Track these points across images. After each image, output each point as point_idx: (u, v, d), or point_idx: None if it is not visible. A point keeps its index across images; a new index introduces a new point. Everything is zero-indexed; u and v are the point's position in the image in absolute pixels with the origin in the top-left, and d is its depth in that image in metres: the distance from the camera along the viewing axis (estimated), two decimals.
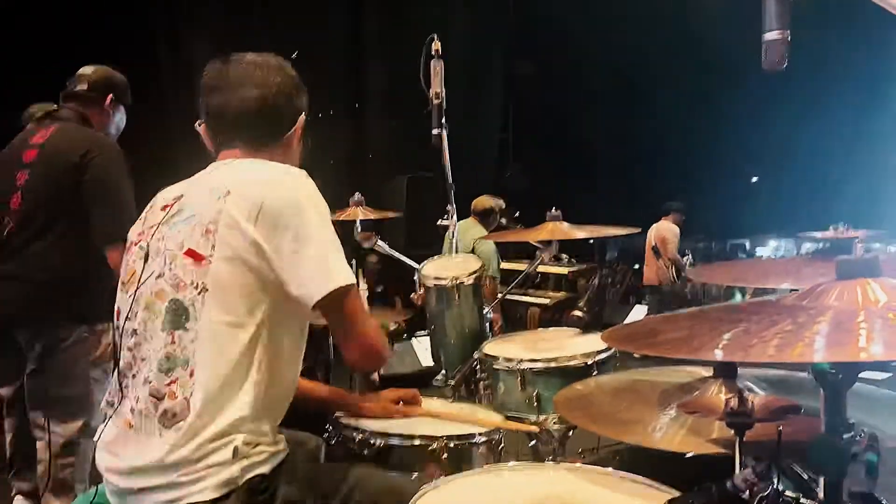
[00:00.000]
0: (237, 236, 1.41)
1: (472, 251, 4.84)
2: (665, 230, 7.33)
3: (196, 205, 1.49)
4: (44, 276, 2.49)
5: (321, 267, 1.42)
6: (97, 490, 1.51)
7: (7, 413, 2.69)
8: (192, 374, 1.40)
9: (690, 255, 8.07)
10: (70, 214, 2.49)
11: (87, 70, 2.76)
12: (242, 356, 1.42)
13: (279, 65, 1.64)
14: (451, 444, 1.72)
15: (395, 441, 1.73)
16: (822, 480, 0.99)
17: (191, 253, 1.44)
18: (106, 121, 2.77)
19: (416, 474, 1.69)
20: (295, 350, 1.54)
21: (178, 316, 1.43)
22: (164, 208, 1.56)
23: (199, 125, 1.64)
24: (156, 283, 1.47)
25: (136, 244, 1.57)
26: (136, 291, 1.50)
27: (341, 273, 1.44)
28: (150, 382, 1.43)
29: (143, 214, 1.63)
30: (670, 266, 7.27)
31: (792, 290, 1.12)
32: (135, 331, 1.48)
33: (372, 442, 1.73)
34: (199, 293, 1.42)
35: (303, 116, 1.66)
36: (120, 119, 2.84)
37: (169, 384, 1.41)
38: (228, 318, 1.41)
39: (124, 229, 2.40)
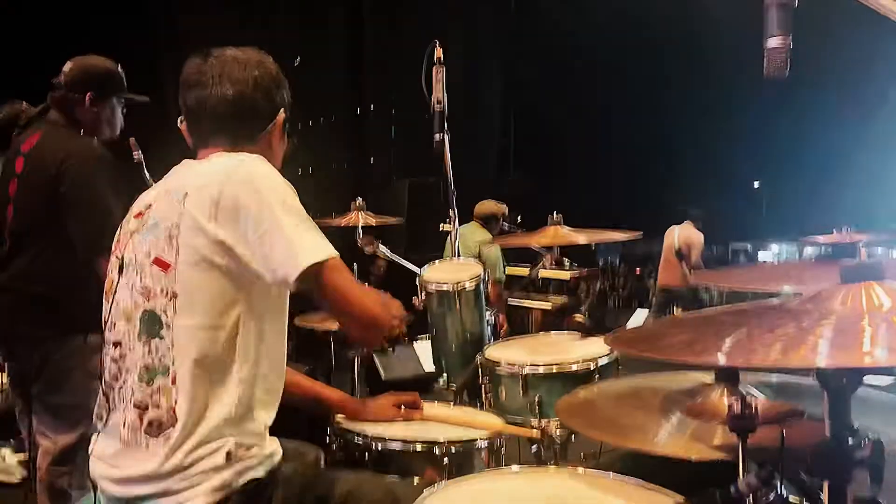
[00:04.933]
0: (200, 238, 1.39)
1: (478, 256, 4.84)
2: (693, 235, 7.25)
3: (160, 212, 1.47)
4: (32, 288, 2.43)
5: (289, 250, 1.37)
6: (96, 496, 1.50)
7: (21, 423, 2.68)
8: (174, 381, 1.39)
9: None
10: (53, 225, 2.40)
11: (66, 66, 2.57)
12: (222, 357, 1.40)
13: (258, 59, 1.59)
14: (453, 449, 1.72)
15: (396, 445, 1.73)
16: (825, 486, 0.98)
17: (158, 261, 1.43)
18: (93, 120, 2.58)
19: (416, 479, 1.69)
20: (278, 345, 1.51)
21: (153, 325, 1.41)
22: (137, 216, 1.54)
23: (181, 123, 1.61)
24: (130, 294, 1.46)
25: (113, 254, 1.56)
26: (113, 304, 1.50)
27: (310, 251, 1.38)
28: (133, 394, 1.42)
29: (123, 222, 1.61)
30: (691, 268, 7.18)
31: (795, 294, 1.12)
32: (117, 342, 1.47)
33: (373, 446, 1.73)
34: (170, 300, 1.40)
35: (282, 112, 1.61)
36: (109, 114, 2.61)
37: (152, 394, 1.40)
38: (202, 321, 1.39)
39: (108, 239, 2.37)
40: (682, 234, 7.24)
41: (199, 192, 1.42)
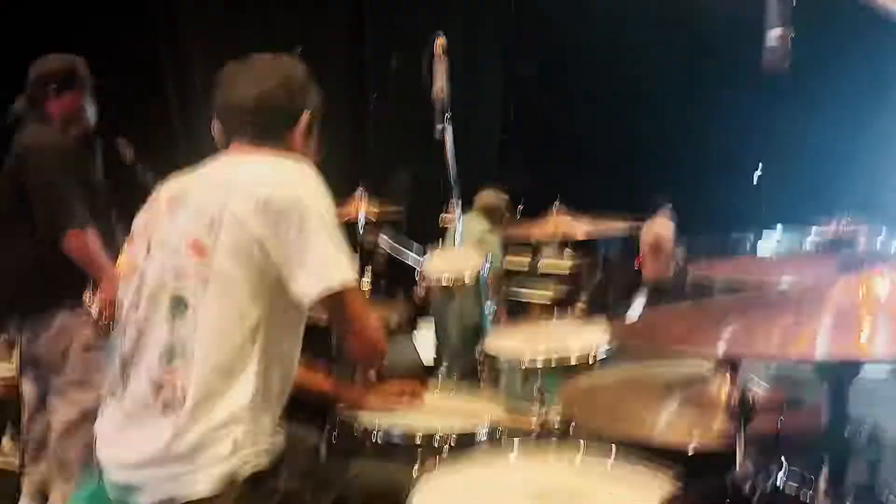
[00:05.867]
0: (240, 230, 1.42)
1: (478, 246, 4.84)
2: (660, 226, 7.36)
3: (200, 198, 1.50)
4: (20, 267, 2.59)
5: (321, 265, 1.43)
6: (99, 483, 1.52)
7: (24, 406, 2.76)
8: (191, 364, 1.41)
9: (683, 249, 8.07)
10: (27, 211, 2.56)
11: (30, 69, 2.73)
12: (242, 347, 1.43)
13: (288, 63, 1.67)
14: (454, 439, 1.73)
15: (396, 435, 1.74)
16: (823, 474, 0.99)
17: (194, 245, 1.45)
18: (62, 112, 2.70)
19: (417, 467, 1.70)
20: (294, 341, 1.55)
21: (179, 306, 1.44)
22: (167, 201, 1.57)
23: (213, 124, 1.67)
24: (159, 275, 1.48)
25: (139, 236, 1.58)
26: (139, 283, 1.52)
27: (340, 272, 1.45)
28: (150, 371, 1.44)
29: (147, 206, 1.63)
30: (669, 261, 7.29)
31: (795, 284, 1.13)
32: (137, 321, 1.50)
33: (374, 436, 1.74)
34: (201, 284, 1.43)
35: (306, 114, 1.66)
36: (77, 104, 2.72)
37: (168, 373, 1.42)
38: (229, 309, 1.42)
39: (67, 219, 2.50)
40: (652, 228, 7.32)
41: (245, 188, 1.46)
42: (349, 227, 3.06)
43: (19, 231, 2.59)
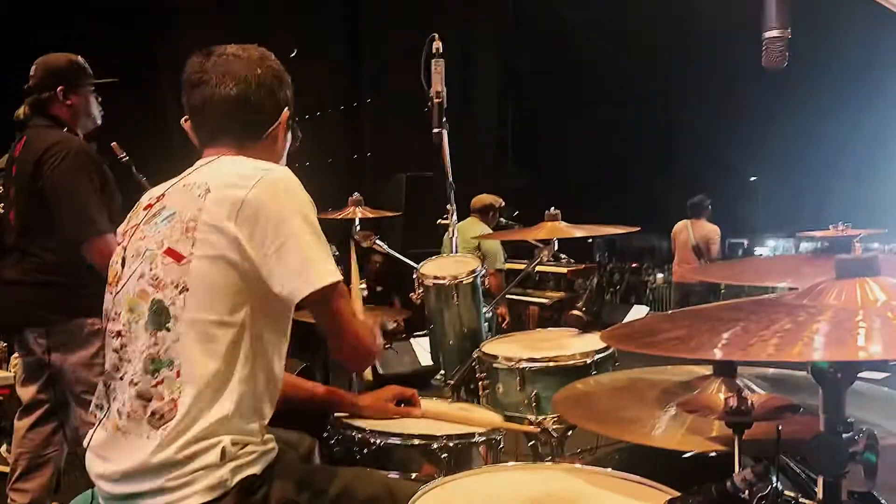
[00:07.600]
0: (218, 234, 1.40)
1: (477, 248, 4.86)
2: (709, 230, 7.16)
3: (176, 203, 1.48)
4: (43, 278, 2.54)
5: (303, 267, 1.40)
6: (93, 494, 1.50)
7: (20, 416, 2.73)
8: (178, 375, 1.39)
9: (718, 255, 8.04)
10: (48, 219, 2.50)
11: (31, 70, 2.65)
12: (227, 354, 1.40)
13: (260, 56, 1.59)
14: (451, 444, 1.72)
15: (394, 440, 1.73)
16: (820, 479, 0.99)
17: (171, 252, 1.43)
18: (71, 113, 2.65)
19: (413, 475, 1.69)
20: (280, 345, 1.52)
21: (160, 316, 1.41)
22: (146, 208, 1.55)
23: (185, 122, 1.62)
24: (137, 284, 1.46)
25: (119, 244, 1.57)
26: (117, 293, 1.50)
27: (324, 272, 1.42)
28: (136, 384, 1.42)
29: (129, 215, 1.61)
30: (694, 262, 7.11)
31: (791, 289, 1.12)
32: (119, 332, 1.47)
33: (371, 441, 1.73)
34: (180, 292, 1.40)
35: (286, 111, 1.62)
36: (85, 104, 2.68)
37: (155, 385, 1.40)
38: (211, 316, 1.40)
39: (91, 226, 2.45)
40: (698, 229, 7.14)
41: (222, 191, 1.43)
42: (345, 231, 3.05)
43: (40, 239, 2.54)
